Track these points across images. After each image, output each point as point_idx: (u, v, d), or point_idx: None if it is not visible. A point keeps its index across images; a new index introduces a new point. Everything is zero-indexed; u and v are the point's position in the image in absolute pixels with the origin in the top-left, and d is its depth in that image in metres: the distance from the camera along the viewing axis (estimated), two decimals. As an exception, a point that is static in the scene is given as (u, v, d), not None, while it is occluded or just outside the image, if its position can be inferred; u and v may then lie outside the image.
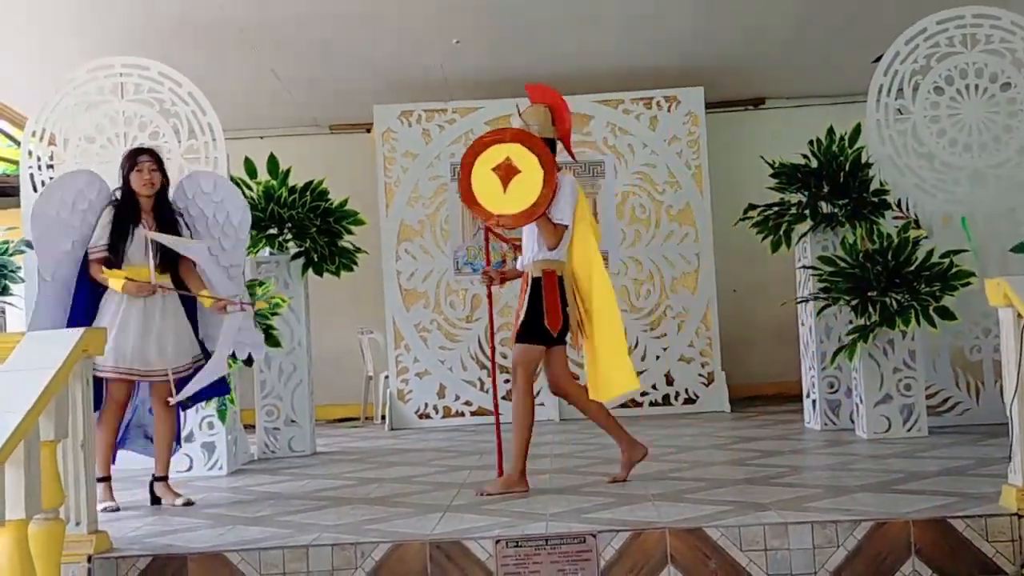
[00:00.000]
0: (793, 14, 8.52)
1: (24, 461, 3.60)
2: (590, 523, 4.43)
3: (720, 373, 9.28)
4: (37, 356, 4.05)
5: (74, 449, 4.33)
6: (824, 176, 7.33)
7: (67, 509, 4.24)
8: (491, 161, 5.27)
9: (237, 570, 4.24)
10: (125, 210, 5.57)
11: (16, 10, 7.69)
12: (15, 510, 3.56)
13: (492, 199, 5.27)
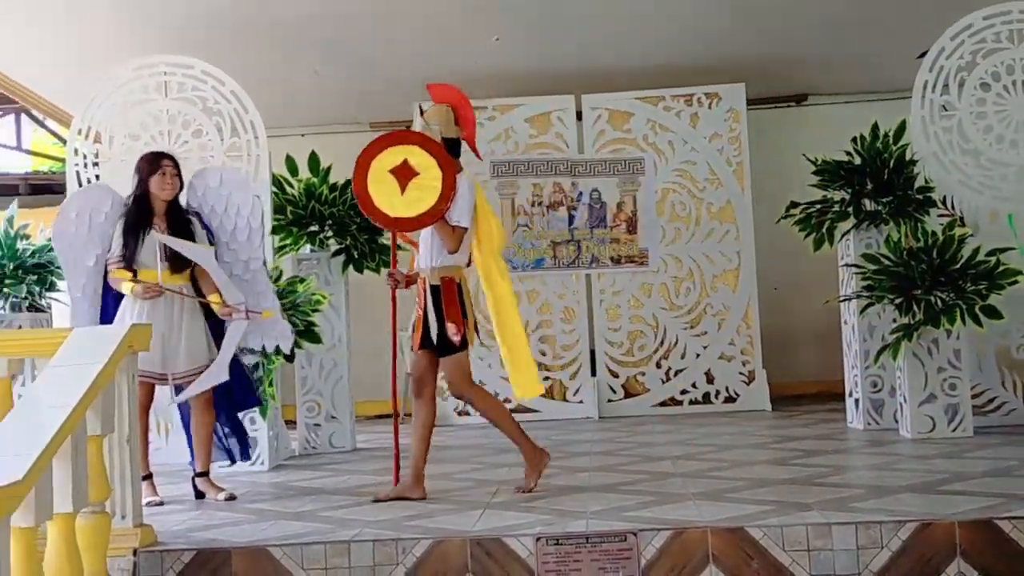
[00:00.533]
0: (836, 9, 8.44)
1: (71, 455, 3.65)
2: (631, 521, 4.42)
3: (761, 371, 9.23)
4: (84, 352, 4.09)
5: (120, 444, 4.38)
6: (868, 173, 7.30)
7: (113, 503, 4.29)
8: (388, 163, 5.16)
9: (280, 565, 4.27)
10: (137, 214, 5.58)
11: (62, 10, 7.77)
12: (63, 504, 3.60)
13: (389, 202, 5.17)
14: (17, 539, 3.30)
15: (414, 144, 5.19)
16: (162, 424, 7.28)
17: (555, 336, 9.31)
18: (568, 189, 9.40)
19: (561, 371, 9.28)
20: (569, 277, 9.38)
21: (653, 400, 9.24)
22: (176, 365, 5.56)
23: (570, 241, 9.37)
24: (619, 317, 9.34)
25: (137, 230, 5.54)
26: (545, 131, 9.45)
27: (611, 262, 9.35)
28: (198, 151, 7.32)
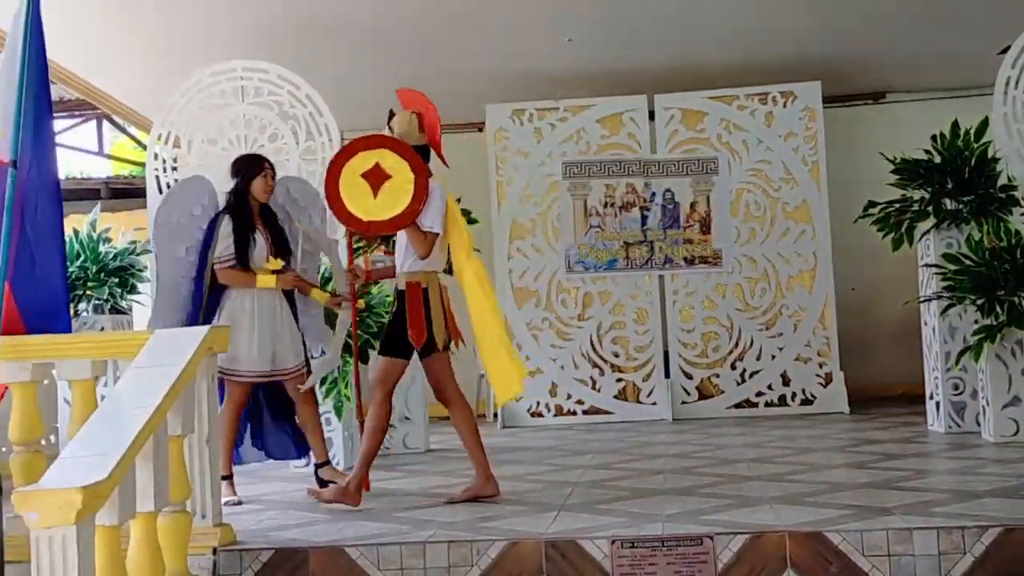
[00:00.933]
0: (915, 5, 8.32)
1: (153, 455, 3.71)
2: (707, 525, 4.39)
3: (838, 373, 9.11)
4: (165, 353, 4.16)
5: (200, 444, 4.44)
6: (948, 172, 7.19)
7: (193, 502, 4.35)
8: (360, 167, 5.15)
9: (356, 565, 4.30)
10: (243, 217, 5.71)
11: (142, 17, 7.92)
12: (145, 503, 3.67)
13: (362, 205, 5.15)
14: (101, 537, 3.37)
15: (386, 148, 5.20)
16: (240, 424, 7.38)
17: (628, 337, 9.27)
18: (641, 190, 9.37)
19: (634, 373, 9.24)
20: (642, 278, 9.34)
21: (728, 402, 9.17)
22: (287, 361, 5.70)
23: (643, 242, 9.34)
24: (693, 318, 9.28)
25: (247, 231, 5.68)
26: (617, 132, 9.42)
27: (684, 263, 9.30)
28: (274, 155, 7.41)
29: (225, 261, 5.65)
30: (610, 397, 9.23)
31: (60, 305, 4.92)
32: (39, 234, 4.87)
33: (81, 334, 4.83)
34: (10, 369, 4.40)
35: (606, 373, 9.25)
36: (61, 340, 4.54)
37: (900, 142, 8.03)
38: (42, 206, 4.88)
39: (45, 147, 4.93)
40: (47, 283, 4.87)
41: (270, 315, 5.65)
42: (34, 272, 4.83)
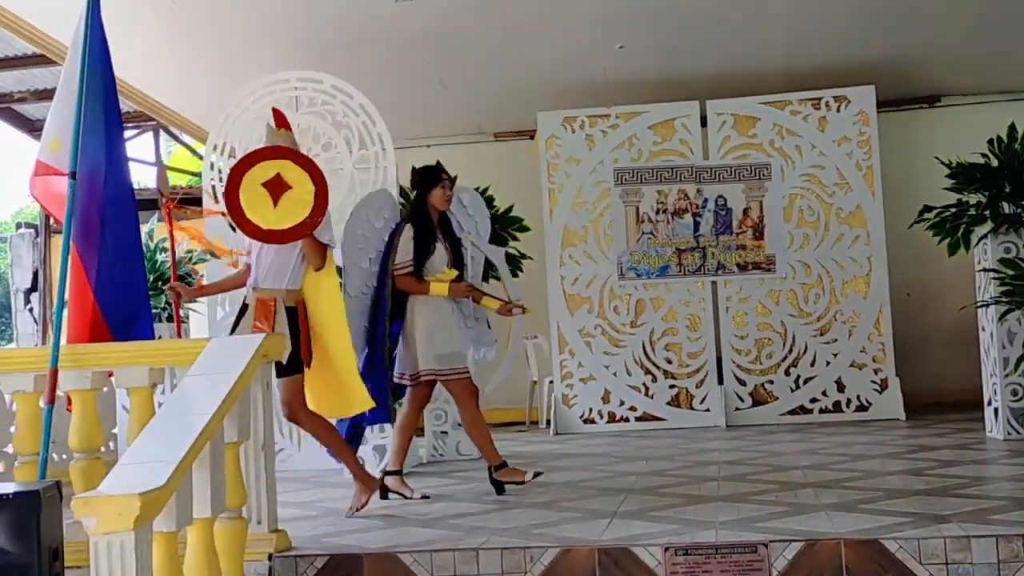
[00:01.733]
0: (970, 6, 8.22)
1: (210, 462, 3.75)
2: (761, 532, 4.35)
3: (894, 379, 9.00)
4: (221, 361, 4.20)
5: (255, 450, 4.48)
6: (1005, 175, 7.11)
7: (249, 508, 4.39)
8: (261, 176, 5.08)
9: (409, 571, 4.31)
10: (425, 227, 5.90)
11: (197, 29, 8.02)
12: (202, 509, 3.70)
13: (262, 214, 5.06)
14: (159, 543, 3.41)
15: (287, 159, 5.16)
16: (295, 430, 7.44)
17: (681, 344, 9.23)
18: (693, 196, 9.32)
19: (687, 379, 9.20)
20: (694, 284, 9.29)
21: (782, 408, 9.09)
22: (464, 361, 5.96)
23: (695, 248, 9.29)
24: (746, 324, 9.22)
25: (429, 240, 5.87)
26: (669, 138, 9.39)
27: (737, 268, 9.24)
28: (327, 164, 7.46)
29: (403, 268, 5.82)
30: (663, 404, 9.19)
31: (143, 313, 5.01)
32: (119, 245, 4.96)
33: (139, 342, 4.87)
34: (70, 377, 4.47)
35: (659, 379, 9.22)
36: (119, 348, 4.60)
37: (955, 146, 7.95)
38: (120, 218, 4.97)
39: (119, 160, 5.02)
40: (130, 292, 4.97)
41: (452, 318, 5.92)
42: (115, 282, 4.91)
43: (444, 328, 5.85)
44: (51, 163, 4.90)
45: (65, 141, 4.81)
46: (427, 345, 5.78)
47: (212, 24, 7.88)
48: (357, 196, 7.40)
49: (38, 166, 4.95)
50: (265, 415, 4.51)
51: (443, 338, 5.83)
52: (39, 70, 10.14)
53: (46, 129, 4.99)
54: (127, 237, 4.98)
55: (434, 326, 5.82)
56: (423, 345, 5.78)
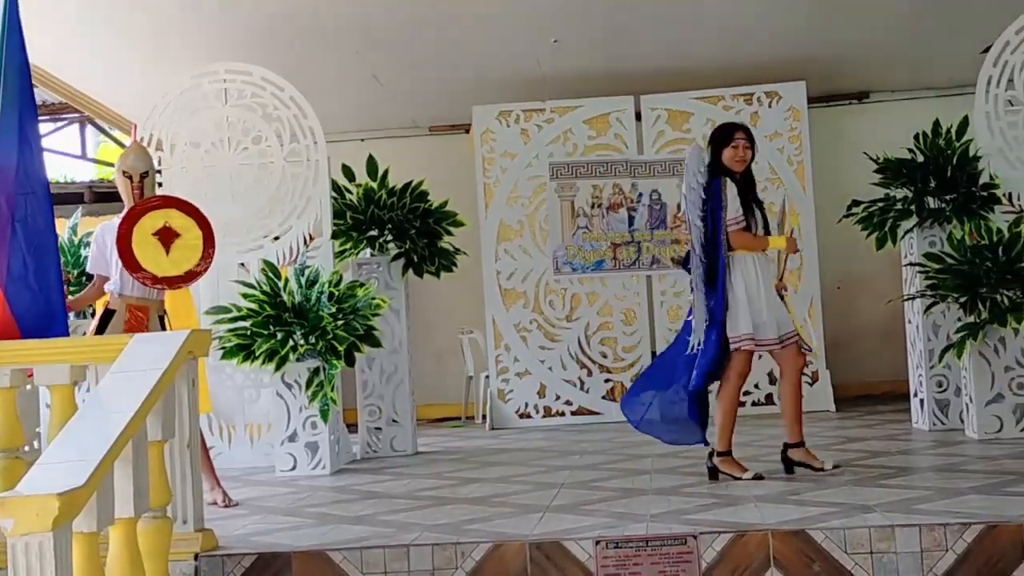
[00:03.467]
0: (898, 5, 8.34)
1: (133, 461, 3.68)
2: (691, 524, 4.38)
3: (825, 372, 9.12)
4: (144, 358, 4.13)
5: (180, 448, 4.42)
6: (930, 171, 7.22)
7: (174, 508, 4.32)
8: (151, 227, 5.32)
9: (339, 568, 4.28)
10: (743, 186, 5.72)
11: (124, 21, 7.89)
12: (124, 509, 3.64)
13: (156, 262, 5.31)
14: (79, 544, 3.34)
15: (173, 208, 5.41)
16: (225, 428, 7.37)
17: (616, 338, 9.27)
18: (628, 190, 9.36)
19: (623, 373, 9.23)
20: (629, 278, 9.34)
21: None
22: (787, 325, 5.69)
23: (630, 243, 9.33)
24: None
25: (747, 200, 5.71)
26: (604, 132, 9.42)
27: (672, 263, 9.28)
28: (258, 157, 7.41)
29: (737, 222, 5.63)
30: (598, 398, 9.23)
31: (57, 310, 4.89)
32: (31, 239, 4.83)
33: (60, 339, 4.78)
34: (-11, 375, 4.37)
35: (594, 374, 9.25)
36: (39, 345, 4.50)
37: (884, 141, 8.03)
38: (32, 210, 4.84)
39: (32, 151, 4.89)
40: (42, 288, 4.84)
41: (765, 284, 5.64)
42: (27, 278, 4.79)
43: (762, 293, 5.63)
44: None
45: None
46: (746, 311, 5.56)
47: (139, 13, 7.74)
48: (288, 190, 7.38)
49: None
50: (191, 412, 4.45)
51: (761, 304, 5.62)
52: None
53: None
54: (41, 232, 4.85)
55: (752, 291, 5.61)
56: (743, 310, 5.57)
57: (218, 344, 6.59)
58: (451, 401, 10.50)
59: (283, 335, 6.64)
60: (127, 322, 5.51)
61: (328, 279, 6.88)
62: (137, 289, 5.52)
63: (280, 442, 6.86)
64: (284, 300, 6.73)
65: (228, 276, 7.23)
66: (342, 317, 6.69)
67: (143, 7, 7.68)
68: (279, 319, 6.67)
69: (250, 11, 7.80)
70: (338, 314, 6.70)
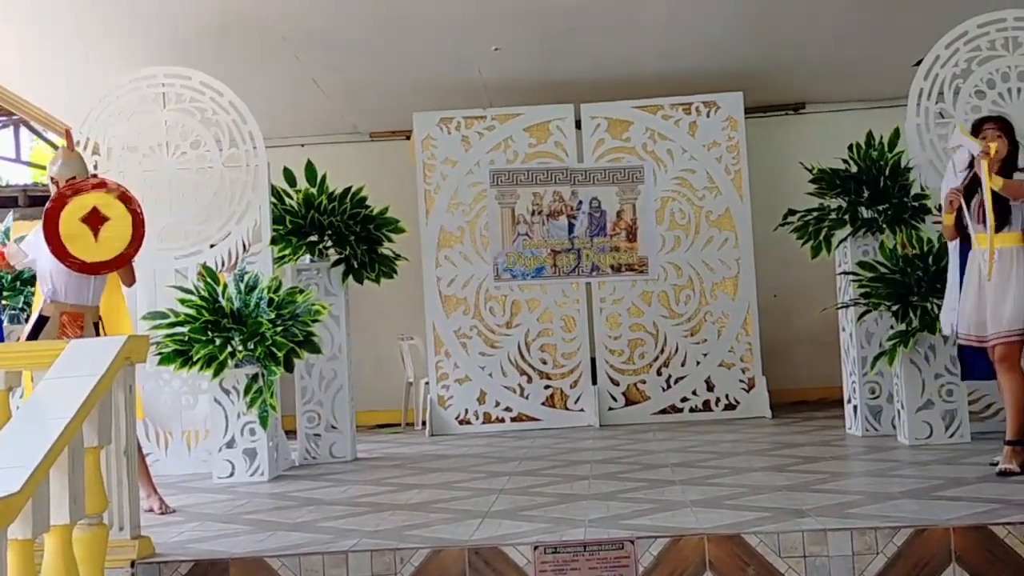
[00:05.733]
0: (833, 19, 8.47)
1: (69, 467, 3.65)
2: (629, 529, 4.42)
3: (761, 378, 9.23)
4: (81, 364, 4.10)
5: (117, 455, 4.38)
6: (864, 181, 7.33)
7: (110, 515, 4.29)
8: (78, 212, 5.29)
9: (277, 575, 4.27)
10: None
11: (60, 23, 7.79)
12: (60, 516, 3.60)
13: (85, 248, 5.28)
14: (14, 551, 3.31)
15: (101, 191, 5.38)
16: (162, 434, 7.30)
17: (556, 345, 9.32)
18: (568, 198, 9.42)
19: (562, 380, 9.28)
20: (569, 286, 9.38)
21: (654, 408, 9.25)
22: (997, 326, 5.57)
23: (570, 250, 9.39)
24: (619, 325, 9.35)
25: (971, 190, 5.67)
26: (544, 140, 9.46)
27: (611, 270, 9.37)
28: (196, 162, 7.37)
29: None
30: (538, 404, 9.26)
31: None
32: None
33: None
34: (-79, 381, 4.31)
35: (534, 380, 9.28)
36: (-27, 351, 4.45)
37: (819, 151, 8.14)
38: None
39: None
40: None
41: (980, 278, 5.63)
42: None
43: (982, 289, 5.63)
44: None
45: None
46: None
47: (75, 12, 7.65)
48: (227, 195, 7.34)
49: None
50: (128, 419, 4.41)
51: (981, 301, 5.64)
52: None
53: None
54: None
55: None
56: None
57: (155, 350, 6.53)
58: (391, 408, 10.48)
59: (221, 341, 6.60)
60: (61, 328, 5.44)
61: (267, 285, 6.86)
62: (71, 295, 5.48)
63: (218, 448, 6.82)
64: (223, 305, 6.70)
65: (166, 281, 7.18)
66: (281, 323, 6.67)
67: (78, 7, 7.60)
68: (217, 325, 6.64)
69: (189, 15, 7.74)
70: (277, 320, 6.68)
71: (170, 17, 7.77)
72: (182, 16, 7.75)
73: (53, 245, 5.26)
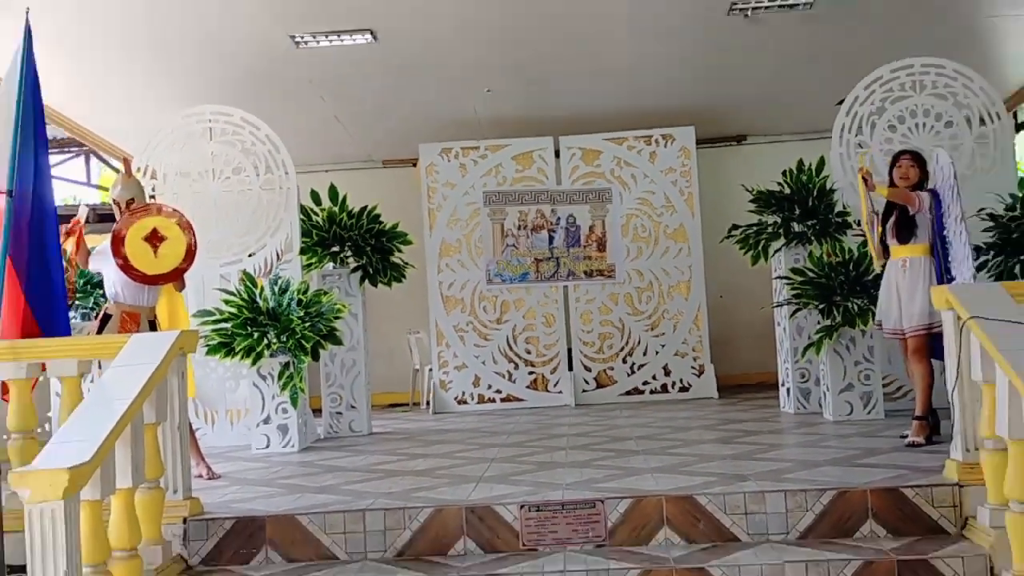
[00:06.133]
0: (769, 65, 8.51)
1: (131, 440, 3.66)
2: (599, 491, 4.43)
3: (709, 366, 9.23)
4: (141, 354, 4.10)
5: (172, 430, 4.38)
6: (795, 201, 7.35)
7: (166, 480, 4.30)
8: (141, 233, 5.38)
9: (306, 530, 4.28)
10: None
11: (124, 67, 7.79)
12: (123, 480, 3.62)
13: (146, 263, 5.39)
14: (86, 510, 3.32)
15: (160, 215, 5.48)
16: (209, 413, 7.29)
17: (538, 337, 9.31)
18: (548, 215, 9.41)
19: (543, 367, 9.28)
20: (549, 288, 9.37)
21: (620, 390, 9.24)
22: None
23: (550, 258, 9.38)
24: (591, 321, 9.35)
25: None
26: (529, 167, 9.45)
27: (584, 275, 9.36)
28: (237, 185, 7.36)
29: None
30: (523, 387, 9.25)
31: (62, 313, 4.84)
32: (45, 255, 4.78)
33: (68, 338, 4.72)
34: (8, 368, 4.30)
35: (520, 367, 9.27)
36: (51, 343, 4.44)
37: (758, 176, 8.18)
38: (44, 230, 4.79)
39: (44, 180, 4.83)
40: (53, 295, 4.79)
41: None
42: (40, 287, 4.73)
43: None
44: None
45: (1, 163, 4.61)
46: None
47: (136, 58, 7.66)
48: (263, 213, 7.33)
49: None
50: (180, 400, 4.41)
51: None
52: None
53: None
54: (49, 248, 4.80)
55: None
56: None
57: (203, 342, 6.52)
58: (400, 390, 10.48)
59: (259, 335, 6.60)
60: (121, 324, 5.51)
61: (297, 288, 6.86)
62: (129, 298, 5.56)
63: (256, 424, 6.81)
64: (260, 305, 6.69)
65: (212, 285, 7.17)
66: (309, 320, 6.66)
67: (139, 58, 7.61)
68: (255, 321, 6.63)
69: (233, 63, 7.76)
70: (305, 317, 6.67)
71: (217, 65, 7.78)
72: (228, 64, 7.76)
73: (119, 259, 5.33)
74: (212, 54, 7.57)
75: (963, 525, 4.11)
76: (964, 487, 4.15)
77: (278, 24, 7.14)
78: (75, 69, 7.64)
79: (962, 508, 4.13)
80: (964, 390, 4.23)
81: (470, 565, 4.04)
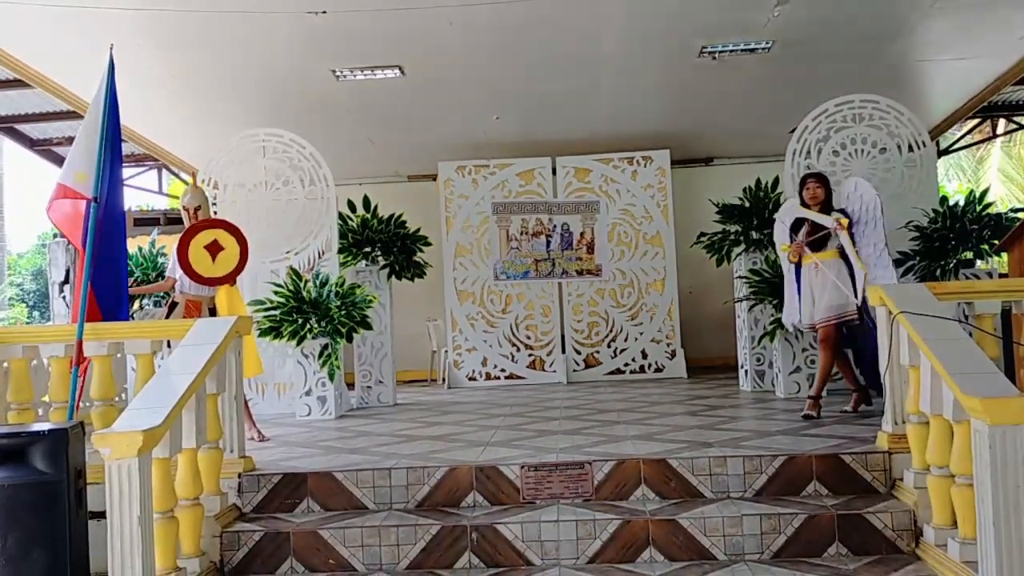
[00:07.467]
0: (733, 98, 8.49)
1: (195, 408, 3.67)
2: (587, 455, 4.44)
3: (680, 350, 9.22)
4: (205, 336, 4.11)
5: (229, 400, 4.38)
6: (753, 213, 7.33)
7: (224, 441, 4.30)
8: (203, 242, 5.48)
9: (341, 484, 4.29)
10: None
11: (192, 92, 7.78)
12: (188, 441, 3.63)
13: (205, 268, 5.47)
14: (157, 466, 3.33)
15: (219, 228, 5.57)
16: (260, 386, 7.29)
17: (537, 325, 9.30)
18: (546, 223, 9.39)
19: (541, 350, 9.27)
20: (547, 284, 9.36)
21: (605, 370, 9.24)
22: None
23: (547, 259, 9.36)
24: (581, 312, 9.34)
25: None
26: (530, 182, 9.44)
27: (576, 274, 9.35)
28: (286, 195, 7.35)
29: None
30: (524, 367, 9.24)
31: (123, 301, 4.82)
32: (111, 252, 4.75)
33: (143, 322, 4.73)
34: (92, 346, 4.31)
35: (521, 350, 9.27)
36: (128, 326, 4.45)
37: (723, 192, 8.16)
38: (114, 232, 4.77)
39: (117, 189, 4.81)
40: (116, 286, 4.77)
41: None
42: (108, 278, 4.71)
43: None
44: (77, 188, 4.62)
45: (89, 173, 4.60)
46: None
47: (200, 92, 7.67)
48: (307, 219, 7.33)
49: (60, 189, 4.61)
50: (236, 374, 4.41)
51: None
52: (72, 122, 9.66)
53: (69, 161, 4.66)
54: (117, 247, 4.77)
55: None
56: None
57: (256, 327, 6.52)
58: (421, 368, 10.48)
59: (302, 320, 6.60)
60: (186, 310, 5.59)
61: (335, 281, 6.85)
62: (192, 290, 5.62)
63: (299, 396, 6.81)
64: (303, 296, 6.69)
65: (263, 279, 7.17)
66: (344, 308, 6.66)
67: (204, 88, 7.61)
68: (300, 309, 6.63)
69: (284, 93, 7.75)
70: (342, 306, 6.67)
71: (269, 95, 7.77)
72: (279, 94, 7.75)
73: (183, 264, 5.42)
74: (266, 86, 7.57)
75: (892, 486, 4.11)
76: (893, 454, 4.15)
77: (321, 61, 7.13)
78: (152, 95, 7.64)
79: (891, 472, 4.13)
80: (894, 373, 4.22)
81: (478, 515, 4.06)
